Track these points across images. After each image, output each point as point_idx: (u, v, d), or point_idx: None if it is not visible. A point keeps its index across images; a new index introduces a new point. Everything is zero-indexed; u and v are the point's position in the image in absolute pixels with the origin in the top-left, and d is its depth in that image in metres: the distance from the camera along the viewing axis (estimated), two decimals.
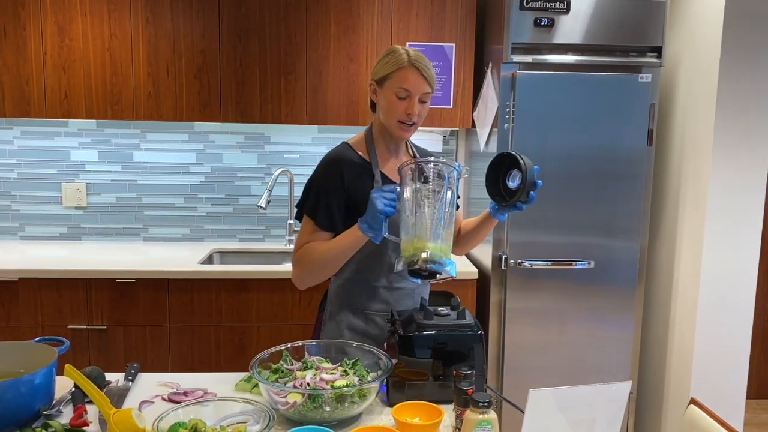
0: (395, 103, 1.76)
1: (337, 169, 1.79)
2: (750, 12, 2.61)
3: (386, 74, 1.76)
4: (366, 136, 1.88)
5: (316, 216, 1.78)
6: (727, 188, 2.70)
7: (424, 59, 1.77)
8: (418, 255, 1.56)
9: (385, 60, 1.78)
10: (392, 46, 1.82)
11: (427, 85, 1.76)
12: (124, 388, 1.62)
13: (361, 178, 1.80)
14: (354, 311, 1.87)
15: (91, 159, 3.31)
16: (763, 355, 3.85)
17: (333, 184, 1.78)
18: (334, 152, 1.84)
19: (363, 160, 1.83)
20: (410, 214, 1.60)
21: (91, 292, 2.78)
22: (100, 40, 2.91)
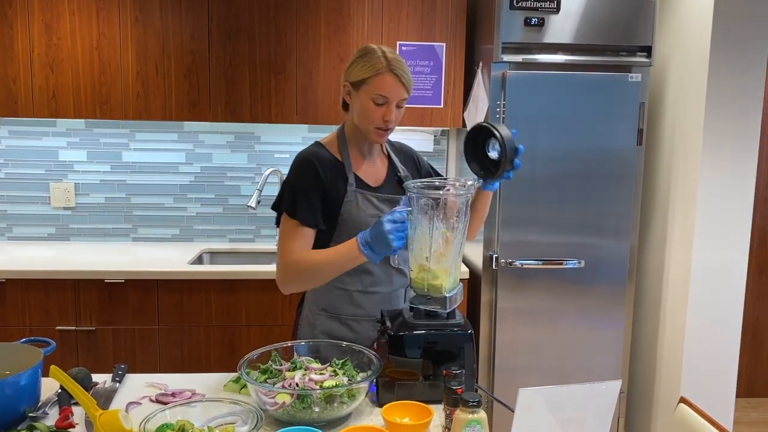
0: (372, 110, 1.72)
1: (313, 167, 1.75)
2: (739, 11, 2.62)
3: (363, 79, 1.71)
4: (339, 137, 1.84)
5: (297, 212, 1.73)
6: (716, 187, 2.71)
7: (401, 63, 1.73)
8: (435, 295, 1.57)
9: (362, 63, 1.72)
10: (367, 45, 1.77)
11: (405, 91, 1.72)
12: (111, 389, 1.60)
13: (336, 180, 1.77)
14: (329, 315, 1.83)
15: (80, 159, 3.29)
16: (752, 354, 3.88)
17: (310, 181, 1.74)
18: (308, 152, 1.79)
19: (337, 160, 1.79)
20: (424, 247, 1.56)
21: (80, 292, 2.76)
22: (88, 39, 2.89)
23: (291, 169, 1.78)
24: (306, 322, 1.88)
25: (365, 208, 1.78)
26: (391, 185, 1.87)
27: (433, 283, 1.58)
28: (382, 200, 1.81)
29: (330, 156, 1.79)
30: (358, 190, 1.78)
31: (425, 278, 1.59)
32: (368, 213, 1.78)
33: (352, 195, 1.77)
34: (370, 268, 1.80)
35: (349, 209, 1.76)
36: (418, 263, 1.60)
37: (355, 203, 1.77)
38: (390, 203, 1.80)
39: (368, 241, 1.60)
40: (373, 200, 1.80)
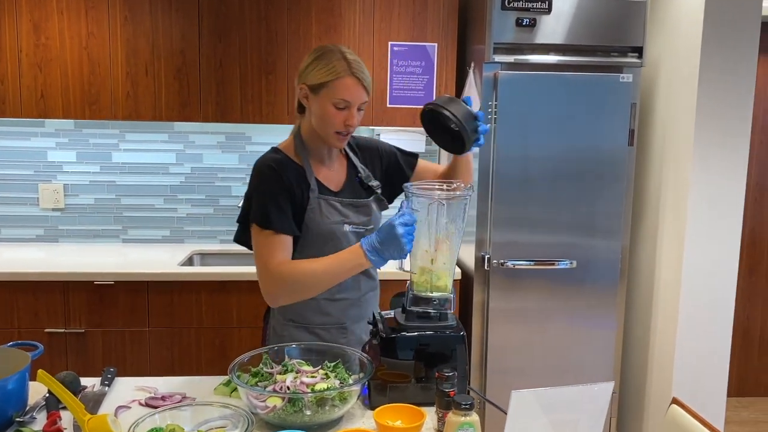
0: (333, 115, 1.65)
1: (275, 172, 1.68)
2: (729, 12, 2.63)
3: (323, 82, 1.64)
4: (296, 142, 1.76)
5: (270, 221, 1.65)
6: (707, 188, 2.72)
7: (361, 65, 1.67)
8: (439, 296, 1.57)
9: (321, 66, 1.65)
10: (323, 46, 1.70)
11: (366, 94, 1.67)
12: (99, 393, 1.59)
13: (300, 185, 1.70)
14: (297, 325, 1.78)
15: (69, 159, 3.26)
16: (743, 353, 3.89)
17: (276, 186, 1.67)
18: (267, 158, 1.72)
19: (297, 165, 1.72)
20: (429, 249, 1.56)
21: (69, 294, 2.74)
22: (77, 39, 2.87)
23: (253, 178, 1.71)
24: (273, 333, 1.83)
25: (329, 215, 1.72)
26: (353, 188, 1.80)
27: (437, 284, 1.58)
28: (346, 205, 1.75)
29: (290, 161, 1.72)
30: (321, 196, 1.72)
31: (429, 280, 1.58)
32: (333, 220, 1.72)
33: (315, 201, 1.70)
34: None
35: (313, 216, 1.70)
36: (420, 265, 1.59)
37: (318, 210, 1.71)
38: (354, 208, 1.76)
39: (377, 247, 1.56)
40: (337, 205, 1.74)
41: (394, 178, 1.88)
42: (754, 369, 3.94)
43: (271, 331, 1.85)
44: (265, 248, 1.66)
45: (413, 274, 1.61)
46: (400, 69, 3.01)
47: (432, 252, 1.57)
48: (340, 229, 1.73)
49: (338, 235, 1.72)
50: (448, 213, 1.56)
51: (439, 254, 1.57)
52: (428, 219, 1.56)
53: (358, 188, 1.81)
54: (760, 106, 3.67)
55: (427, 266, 1.58)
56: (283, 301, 1.71)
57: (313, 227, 1.70)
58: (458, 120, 1.59)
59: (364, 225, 1.77)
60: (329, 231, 1.70)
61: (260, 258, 1.67)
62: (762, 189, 3.79)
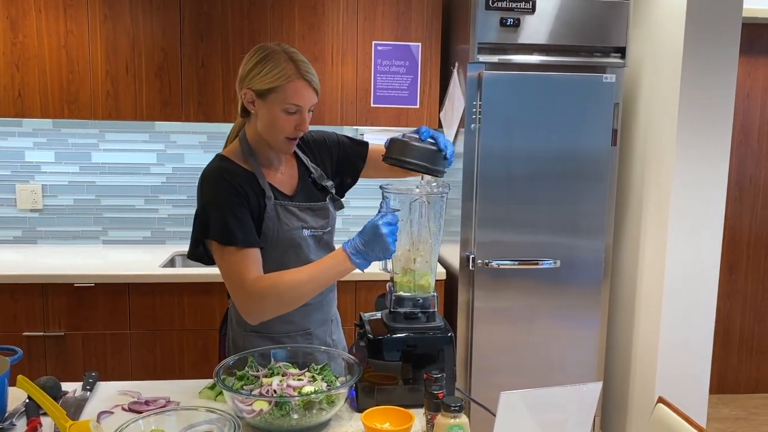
0: (283, 120, 1.57)
1: (228, 182, 1.58)
2: (711, 13, 2.65)
3: (270, 88, 1.55)
4: (242, 147, 1.66)
5: (234, 237, 1.54)
6: (689, 187, 2.74)
7: (308, 65, 1.59)
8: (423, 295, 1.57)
9: (267, 69, 1.56)
10: (264, 46, 1.61)
11: (316, 96, 1.60)
12: (81, 398, 1.56)
13: (255, 193, 1.61)
14: (260, 335, 1.69)
15: (47, 160, 3.21)
16: (723, 350, 3.94)
17: (231, 198, 1.57)
18: (214, 168, 1.62)
19: (247, 172, 1.63)
20: (411, 248, 1.55)
21: (48, 297, 2.69)
22: (55, 37, 2.82)
23: (204, 191, 1.60)
24: (233, 345, 1.74)
25: (288, 221, 1.64)
26: (307, 190, 1.73)
27: (420, 283, 1.58)
28: (304, 209, 1.68)
29: (239, 168, 1.62)
30: (277, 202, 1.64)
31: (412, 280, 1.58)
32: (292, 226, 1.65)
33: (272, 209, 1.62)
34: None
35: (271, 225, 1.62)
36: (402, 266, 1.58)
37: (276, 218, 1.63)
38: (312, 212, 1.69)
39: (361, 249, 1.51)
40: (295, 210, 1.66)
41: (345, 171, 1.83)
42: (734, 366, 3.99)
43: (230, 343, 1.75)
44: (235, 266, 1.56)
45: (395, 275, 1.60)
46: (384, 68, 3.00)
47: (414, 251, 1.57)
48: (299, 235, 1.66)
49: (298, 240, 1.66)
50: (428, 210, 1.55)
51: (420, 253, 1.57)
52: (409, 218, 1.56)
53: (312, 190, 1.74)
54: (739, 106, 3.71)
55: (410, 266, 1.58)
56: (267, 317, 1.59)
57: (271, 236, 1.62)
58: (423, 165, 1.56)
59: (322, 228, 1.71)
60: (289, 238, 1.64)
61: (231, 277, 1.57)
62: (741, 187, 3.84)
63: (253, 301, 1.56)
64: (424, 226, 1.56)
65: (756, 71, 3.74)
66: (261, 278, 1.56)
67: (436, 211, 1.57)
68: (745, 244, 3.89)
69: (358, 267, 1.53)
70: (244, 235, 1.56)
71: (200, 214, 1.60)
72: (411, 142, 1.55)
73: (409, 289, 1.58)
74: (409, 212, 1.55)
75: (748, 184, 3.84)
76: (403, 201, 1.55)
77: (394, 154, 1.57)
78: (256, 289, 1.55)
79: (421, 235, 1.56)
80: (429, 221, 1.56)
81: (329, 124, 3.01)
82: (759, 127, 3.80)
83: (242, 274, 1.55)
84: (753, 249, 3.90)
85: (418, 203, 1.55)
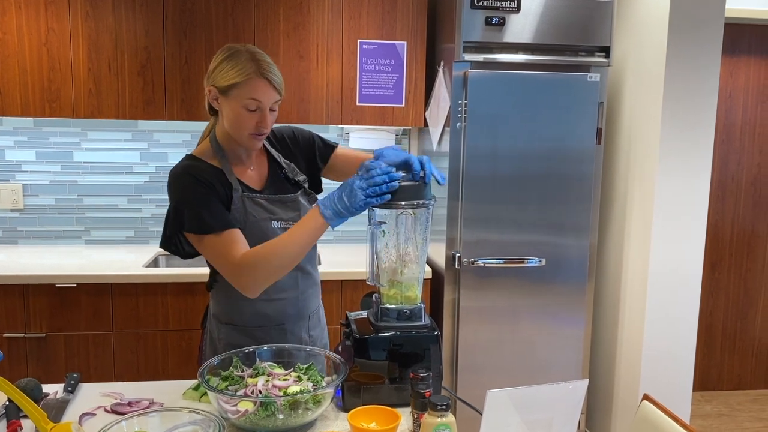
0: (245, 117, 1.61)
1: (194, 177, 1.61)
2: (694, 13, 2.67)
3: (231, 84, 1.59)
4: (212, 145, 1.70)
5: (210, 225, 1.58)
6: (672, 186, 2.76)
7: (271, 65, 1.62)
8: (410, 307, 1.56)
9: (228, 67, 1.60)
10: (230, 46, 1.64)
11: (277, 94, 1.63)
12: (62, 400, 1.53)
13: (222, 186, 1.64)
14: (234, 327, 1.73)
15: (28, 159, 3.16)
16: (706, 348, 3.97)
17: (200, 190, 1.60)
18: (180, 167, 1.65)
19: (215, 168, 1.66)
20: (398, 261, 1.55)
21: (29, 298, 2.65)
22: (36, 35, 2.78)
23: (173, 190, 1.63)
24: (210, 337, 1.78)
25: (255, 212, 1.67)
26: (277, 184, 1.75)
27: (407, 294, 1.58)
28: (273, 202, 1.70)
29: (207, 165, 1.66)
30: (244, 194, 1.66)
31: (399, 292, 1.58)
32: (260, 217, 1.67)
33: (239, 200, 1.65)
34: None
35: (237, 216, 1.64)
36: (389, 278, 1.58)
37: (243, 209, 1.65)
38: (282, 204, 1.71)
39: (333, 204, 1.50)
40: (262, 202, 1.68)
41: (312, 169, 1.85)
42: (716, 363, 4.03)
43: (208, 335, 1.80)
44: (219, 249, 1.59)
45: (382, 287, 1.60)
46: (370, 67, 2.99)
47: (400, 264, 1.57)
48: (268, 226, 1.67)
49: (267, 232, 1.66)
50: (414, 223, 1.55)
51: (407, 265, 1.57)
52: (396, 231, 1.55)
53: (284, 184, 1.76)
54: (722, 106, 3.75)
55: (396, 278, 1.58)
56: (262, 286, 1.59)
57: (239, 227, 1.63)
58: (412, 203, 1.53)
59: (293, 220, 1.70)
60: (257, 228, 1.65)
61: (219, 260, 1.60)
62: (723, 186, 3.87)
63: (244, 275, 1.58)
64: (410, 239, 1.56)
65: (738, 71, 3.78)
66: (246, 253, 1.58)
67: (422, 223, 1.57)
68: (727, 242, 3.93)
69: (327, 220, 1.51)
70: (219, 221, 1.59)
71: (173, 213, 1.63)
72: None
73: (396, 301, 1.58)
74: (395, 225, 1.55)
75: (730, 182, 3.88)
76: (390, 214, 1.55)
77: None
78: (245, 264, 1.56)
79: (408, 247, 1.56)
80: (416, 233, 1.57)
81: (315, 123, 2.99)
82: (741, 127, 3.84)
83: (228, 254, 1.58)
84: (735, 247, 3.94)
85: (404, 216, 1.54)
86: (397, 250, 1.57)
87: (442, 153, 2.88)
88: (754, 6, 3.56)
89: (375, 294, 1.64)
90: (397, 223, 1.56)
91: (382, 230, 1.56)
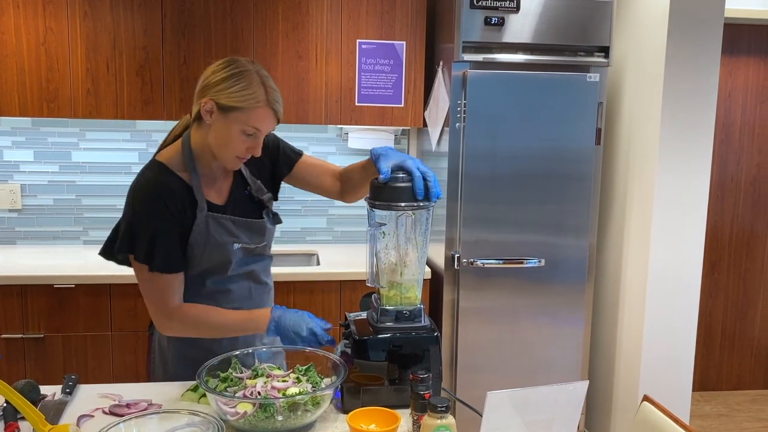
0: (239, 140, 1.55)
1: (161, 202, 1.55)
2: (693, 13, 2.67)
3: (236, 107, 1.52)
4: (184, 153, 1.61)
5: (159, 264, 1.55)
6: (672, 186, 2.76)
7: (277, 93, 1.57)
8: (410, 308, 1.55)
9: (238, 87, 1.52)
10: (238, 62, 1.56)
11: (277, 123, 1.60)
12: (60, 402, 1.53)
13: (187, 208, 1.59)
14: (185, 340, 1.68)
15: (26, 159, 3.15)
16: (705, 348, 3.97)
17: (164, 221, 1.55)
18: (152, 182, 1.57)
19: (183, 184, 1.59)
20: (398, 263, 1.55)
21: (27, 298, 2.65)
22: (34, 34, 2.77)
23: (136, 204, 1.56)
24: (158, 346, 1.74)
25: (217, 234, 1.62)
26: (240, 201, 1.70)
27: (407, 296, 1.58)
28: (240, 225, 1.66)
29: (176, 181, 1.58)
30: (209, 214, 1.61)
31: (399, 293, 1.57)
32: (221, 240, 1.62)
33: (202, 220, 1.59)
34: (230, 286, 1.68)
35: (199, 237, 1.60)
36: (388, 279, 1.57)
37: (205, 230, 1.60)
38: (247, 228, 1.67)
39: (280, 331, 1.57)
40: (227, 224, 1.64)
41: (276, 175, 1.81)
42: (715, 364, 4.03)
43: (156, 344, 1.76)
44: (158, 287, 1.58)
45: (381, 288, 1.59)
46: (369, 67, 2.98)
47: (400, 265, 1.56)
48: (229, 249, 1.64)
49: (227, 254, 1.64)
50: (414, 224, 1.55)
51: (407, 267, 1.56)
52: (396, 232, 1.55)
53: (247, 203, 1.71)
54: (721, 106, 3.74)
55: (396, 280, 1.57)
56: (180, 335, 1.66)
57: (197, 246, 1.60)
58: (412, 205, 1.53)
59: (256, 243, 1.70)
60: (216, 249, 1.62)
61: (152, 297, 1.59)
62: (723, 186, 3.87)
63: (170, 326, 1.62)
64: (410, 240, 1.55)
65: (737, 71, 3.78)
66: (184, 308, 1.60)
67: (422, 225, 1.56)
68: (726, 243, 3.92)
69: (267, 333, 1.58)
70: (170, 262, 1.57)
71: (127, 232, 1.57)
72: (394, 184, 1.52)
73: (396, 302, 1.57)
74: (395, 226, 1.55)
75: (729, 182, 3.88)
76: (390, 215, 1.54)
77: (382, 200, 1.54)
78: (178, 315, 1.59)
79: (407, 248, 1.56)
80: (415, 235, 1.56)
81: (313, 123, 2.99)
82: (740, 127, 3.84)
83: (164, 299, 1.58)
84: (734, 247, 3.93)
85: (404, 217, 1.54)
86: (397, 251, 1.57)
87: (441, 153, 2.87)
88: (754, 6, 3.56)
89: (374, 295, 1.64)
90: (397, 224, 1.55)
91: (382, 231, 1.56)
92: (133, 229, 1.56)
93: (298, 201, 3.34)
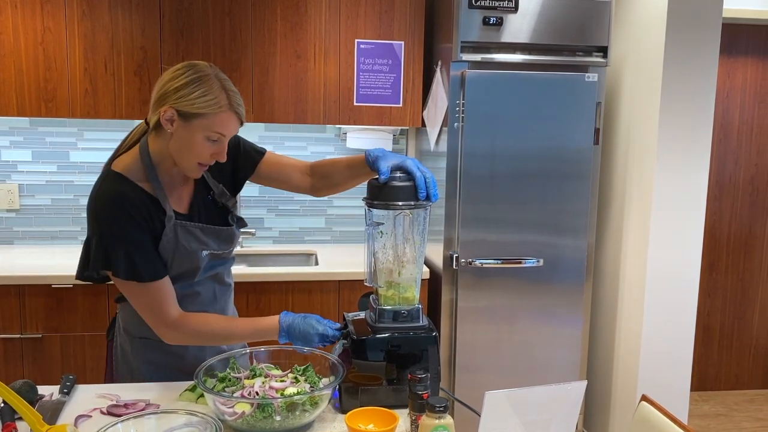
0: (202, 146, 1.50)
1: (126, 212, 1.50)
2: (692, 13, 2.67)
3: (199, 114, 1.47)
4: (142, 162, 1.56)
5: (142, 274, 1.51)
6: (670, 186, 2.76)
7: (239, 97, 1.53)
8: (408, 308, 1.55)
9: (199, 94, 1.47)
10: (196, 66, 1.51)
11: (240, 126, 1.56)
12: (58, 402, 1.52)
13: (153, 218, 1.54)
14: (150, 342, 1.65)
15: (24, 159, 3.15)
16: (703, 348, 3.97)
17: (134, 231, 1.51)
18: (112, 192, 1.52)
19: (145, 194, 1.54)
20: (395, 262, 1.54)
21: (25, 298, 2.64)
22: (32, 34, 2.77)
23: (100, 220, 1.51)
24: (122, 352, 1.72)
25: (186, 242, 1.59)
26: (204, 207, 1.66)
27: (405, 295, 1.57)
28: (208, 233, 1.63)
29: (138, 189, 1.53)
30: (177, 222, 1.57)
31: (396, 293, 1.57)
32: (190, 248, 1.59)
33: (171, 229, 1.56)
34: (197, 289, 1.67)
35: (167, 246, 1.56)
36: (386, 279, 1.57)
37: (174, 239, 1.57)
38: (216, 235, 1.64)
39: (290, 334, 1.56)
40: (196, 232, 1.60)
41: (238, 174, 1.76)
42: (714, 363, 4.03)
43: (119, 349, 1.73)
44: (151, 299, 1.54)
45: (379, 288, 1.59)
46: (367, 67, 2.98)
47: (398, 265, 1.56)
48: (198, 256, 1.61)
49: (196, 261, 1.62)
50: (412, 223, 1.54)
51: (404, 266, 1.56)
52: (393, 231, 1.55)
53: (211, 208, 1.67)
54: (719, 106, 3.75)
55: (394, 279, 1.57)
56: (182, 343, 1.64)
57: (166, 255, 1.57)
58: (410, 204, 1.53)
59: (224, 250, 1.69)
60: (186, 257, 1.59)
61: (149, 311, 1.56)
62: (721, 186, 3.87)
63: (175, 336, 1.58)
64: (408, 240, 1.55)
65: (735, 71, 3.78)
66: (186, 317, 1.57)
67: (419, 224, 1.56)
68: (724, 243, 3.93)
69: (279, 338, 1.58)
70: (153, 269, 1.53)
71: (98, 244, 1.51)
72: (392, 183, 1.52)
73: (394, 302, 1.57)
74: (393, 226, 1.55)
75: (727, 182, 3.88)
76: (387, 214, 1.54)
77: (380, 199, 1.53)
78: (180, 325, 1.57)
79: (405, 248, 1.55)
80: (413, 234, 1.56)
81: (312, 123, 2.99)
82: (738, 127, 3.84)
83: (162, 310, 1.55)
84: (732, 247, 3.94)
85: (402, 216, 1.54)
86: (395, 250, 1.57)
87: (439, 153, 2.87)
88: (752, 6, 3.56)
89: (372, 295, 1.64)
90: (395, 223, 1.55)
91: (379, 231, 1.56)
92: (104, 244, 1.51)
93: (297, 201, 3.33)
